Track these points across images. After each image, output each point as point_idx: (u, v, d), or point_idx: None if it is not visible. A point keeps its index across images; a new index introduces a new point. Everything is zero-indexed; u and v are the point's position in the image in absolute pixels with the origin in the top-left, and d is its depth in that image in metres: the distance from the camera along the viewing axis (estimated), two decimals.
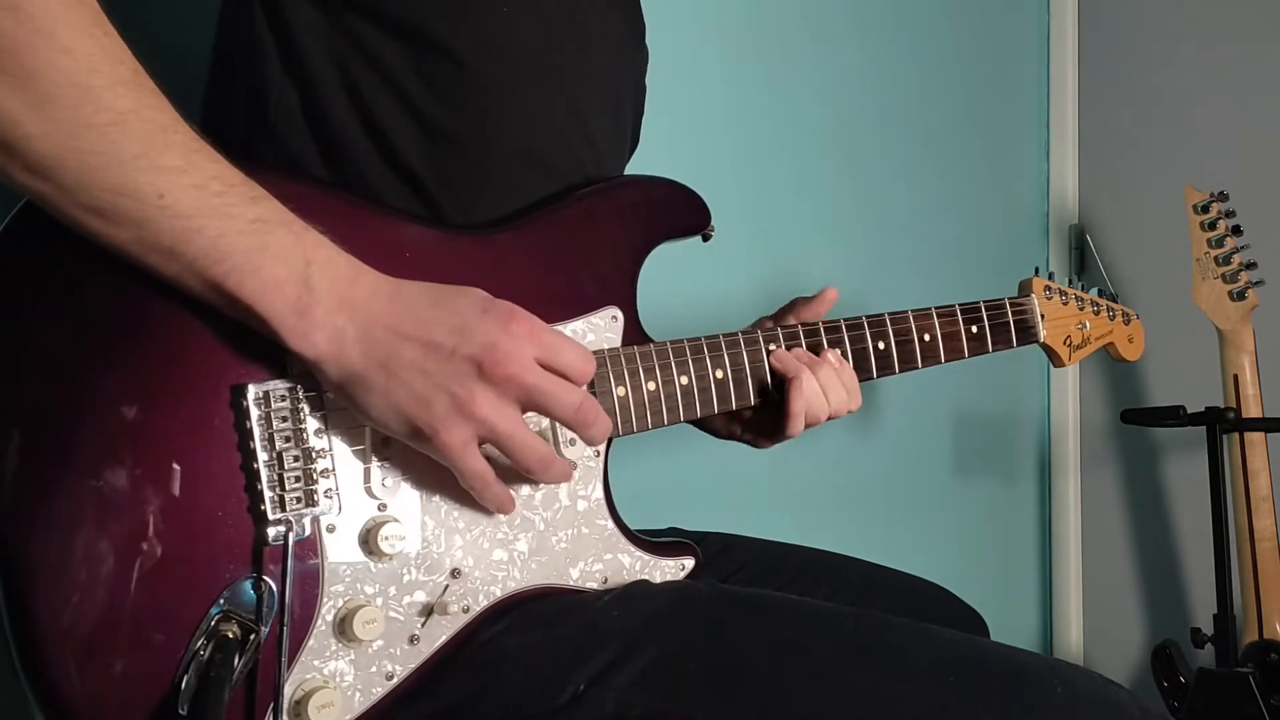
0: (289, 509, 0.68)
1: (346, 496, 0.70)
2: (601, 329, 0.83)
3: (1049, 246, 2.38)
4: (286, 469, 0.68)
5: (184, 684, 0.63)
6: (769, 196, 1.80)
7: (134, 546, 0.63)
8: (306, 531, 0.69)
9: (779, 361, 0.91)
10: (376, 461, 0.72)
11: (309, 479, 0.69)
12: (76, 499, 0.62)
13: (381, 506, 0.72)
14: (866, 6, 1.97)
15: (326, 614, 0.69)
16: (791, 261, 1.80)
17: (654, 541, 0.85)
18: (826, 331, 0.95)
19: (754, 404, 0.90)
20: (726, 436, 1.03)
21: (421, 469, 0.72)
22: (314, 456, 0.69)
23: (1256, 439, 1.77)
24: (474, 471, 0.70)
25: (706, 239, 0.92)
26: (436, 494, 0.74)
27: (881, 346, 0.98)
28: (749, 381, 0.90)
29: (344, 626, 0.69)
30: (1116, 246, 2.28)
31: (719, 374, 0.88)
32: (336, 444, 0.70)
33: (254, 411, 0.67)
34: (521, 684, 0.72)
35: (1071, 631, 2.34)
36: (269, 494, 0.67)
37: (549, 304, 0.80)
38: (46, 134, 0.58)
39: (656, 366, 0.84)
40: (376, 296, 0.67)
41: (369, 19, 0.78)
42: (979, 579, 2.06)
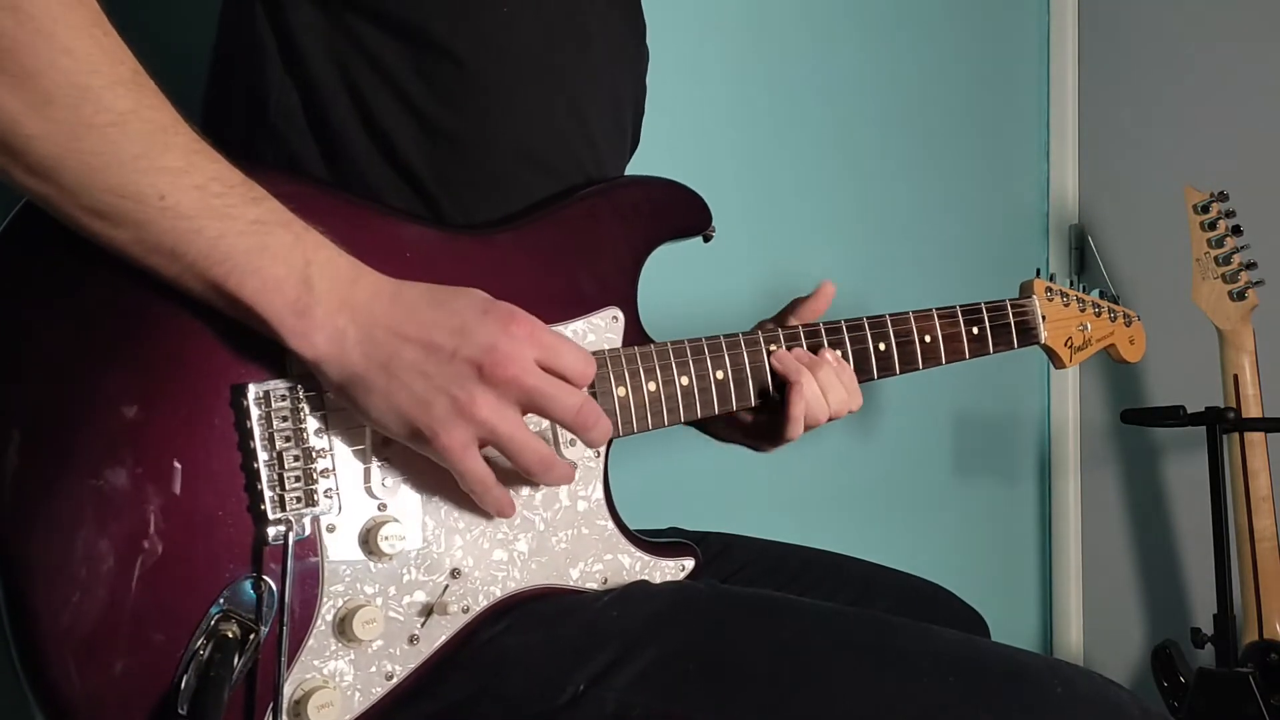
0: (289, 509, 0.68)
1: (346, 496, 0.70)
2: (602, 329, 0.83)
3: (1049, 246, 2.38)
4: (287, 469, 0.68)
5: (184, 683, 0.63)
6: (769, 196, 1.80)
7: (134, 546, 0.63)
8: (306, 531, 0.69)
9: (779, 363, 0.91)
10: (376, 461, 0.72)
11: (309, 479, 0.69)
12: (76, 498, 0.62)
13: (381, 506, 0.72)
14: (866, 6, 1.97)
15: (326, 614, 0.69)
16: (791, 261, 1.80)
17: (654, 542, 0.85)
18: (827, 332, 0.95)
19: (754, 404, 0.90)
20: (727, 440, 1.03)
21: (422, 469, 0.72)
22: (314, 456, 0.69)
23: (1256, 439, 1.77)
24: (474, 474, 0.70)
25: (707, 240, 0.92)
26: (436, 494, 0.73)
27: (882, 348, 0.98)
28: (749, 382, 0.90)
29: (344, 626, 0.69)
30: (1116, 246, 2.28)
31: (719, 374, 0.88)
32: (337, 444, 0.70)
33: (254, 411, 0.67)
34: (521, 684, 0.72)
35: (1071, 631, 2.34)
36: (269, 493, 0.67)
37: (549, 304, 0.80)
38: (47, 134, 0.58)
39: (657, 367, 0.84)
40: (377, 297, 0.67)
41: (369, 19, 0.78)
42: (979, 579, 2.06)
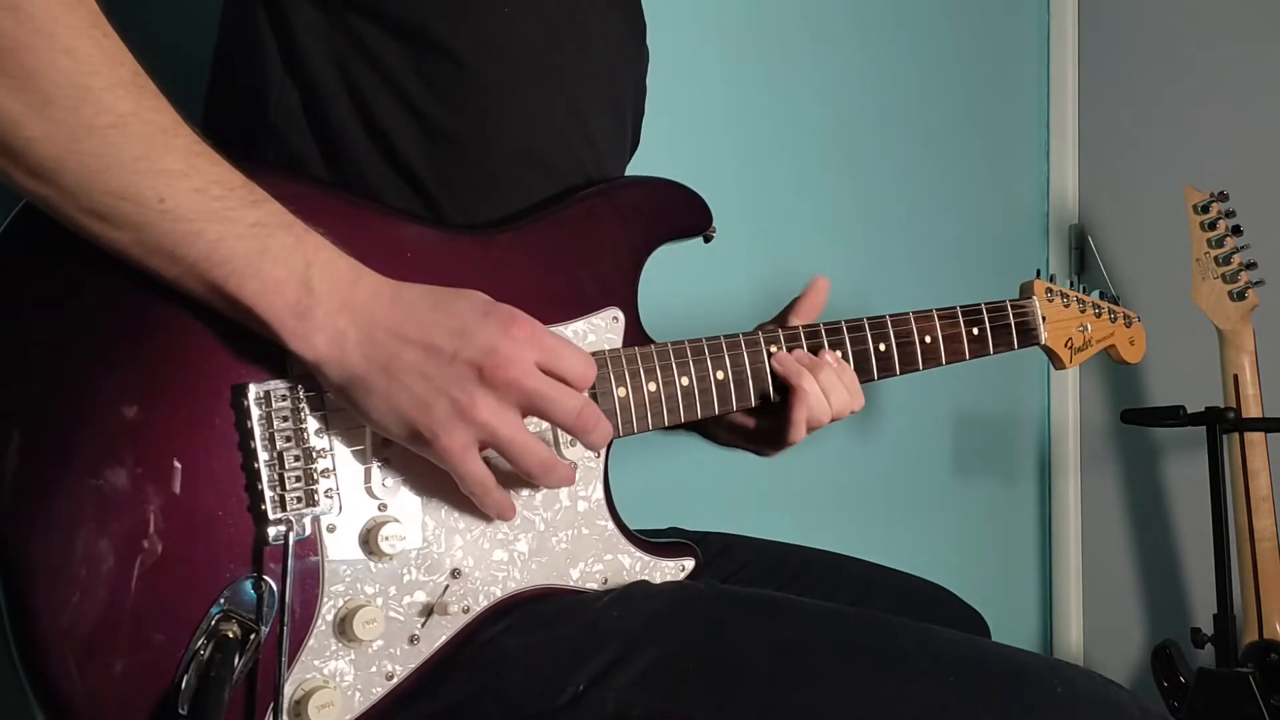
0: (289, 509, 0.68)
1: (347, 496, 0.70)
2: (602, 330, 0.83)
3: (1049, 247, 2.38)
4: (287, 469, 0.68)
5: (184, 683, 0.63)
6: (769, 196, 1.80)
7: (134, 546, 0.63)
8: (307, 531, 0.69)
9: (780, 365, 0.91)
10: (377, 461, 0.72)
11: (309, 479, 0.69)
12: (77, 498, 0.62)
13: (382, 506, 0.72)
14: (866, 6, 1.97)
15: (327, 614, 0.69)
16: (791, 261, 1.80)
17: (654, 542, 0.85)
18: (827, 333, 0.95)
19: (754, 405, 0.90)
20: (729, 446, 1.02)
21: (422, 469, 0.72)
22: (314, 456, 0.69)
23: (1256, 439, 1.77)
24: (474, 476, 0.70)
25: (708, 240, 0.92)
26: (437, 494, 0.73)
27: (883, 348, 0.98)
28: (749, 382, 0.90)
29: (344, 626, 0.69)
30: (1116, 246, 2.28)
31: (719, 375, 0.88)
32: (337, 444, 0.70)
33: (255, 411, 0.67)
34: (522, 684, 0.72)
35: (1071, 631, 2.34)
36: (269, 493, 0.67)
37: (550, 304, 0.80)
38: (48, 136, 0.58)
39: (657, 367, 0.84)
40: (378, 299, 0.67)
41: (370, 19, 0.78)
42: (979, 579, 2.06)
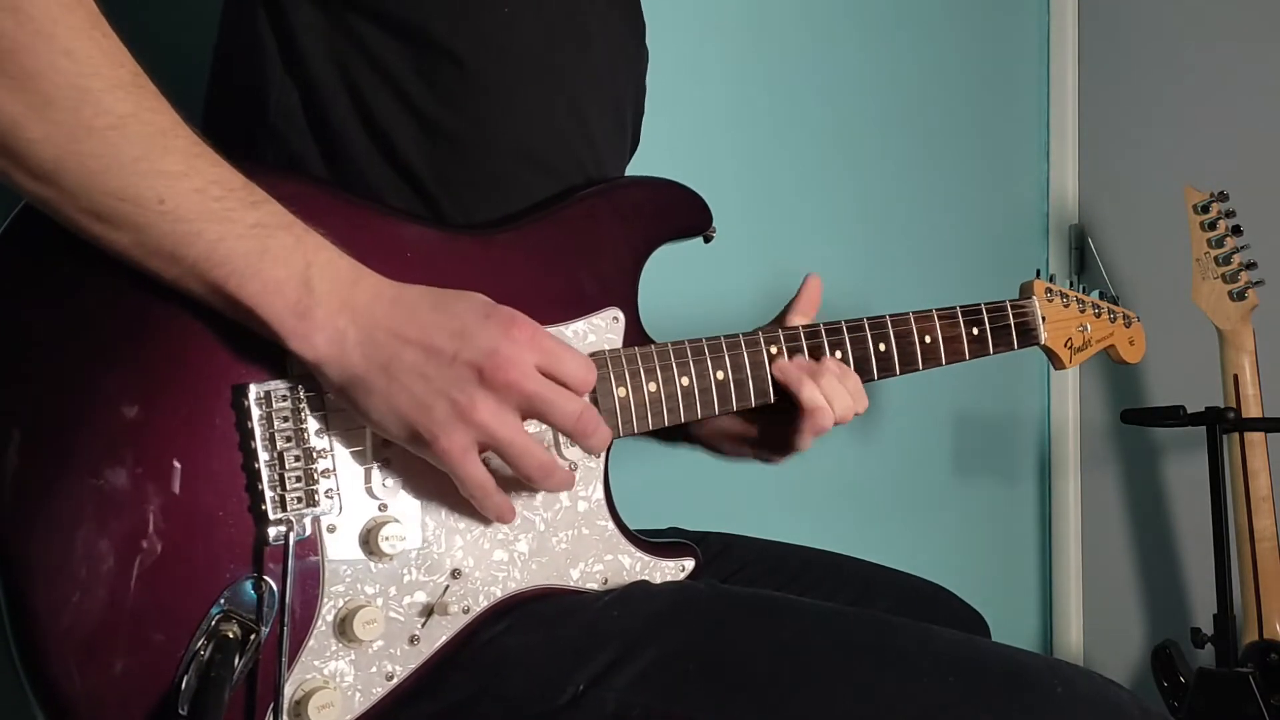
0: (290, 509, 0.68)
1: (347, 496, 0.70)
2: (603, 330, 0.83)
3: (1049, 246, 2.38)
4: (287, 469, 0.68)
5: (184, 684, 0.63)
6: (769, 196, 1.80)
7: (134, 546, 0.63)
8: (307, 531, 0.69)
9: (780, 373, 0.90)
10: (377, 462, 0.72)
11: (310, 479, 0.69)
12: (77, 498, 0.62)
13: (382, 507, 0.72)
14: (866, 6, 1.97)
15: (327, 614, 0.69)
16: (791, 261, 1.80)
17: (654, 542, 0.85)
18: (827, 333, 0.94)
19: (754, 405, 0.90)
20: (736, 456, 1.01)
21: (422, 470, 0.72)
22: (315, 456, 0.69)
23: (1256, 439, 1.77)
24: (473, 478, 0.70)
25: (708, 240, 0.92)
26: (437, 494, 0.73)
27: (883, 348, 0.97)
28: (749, 383, 0.89)
29: (344, 627, 0.69)
30: (1116, 246, 2.28)
31: (719, 375, 0.87)
32: (337, 444, 0.70)
33: (255, 411, 0.67)
34: (522, 684, 0.72)
35: (1071, 631, 2.34)
36: (270, 494, 0.67)
37: (550, 304, 0.80)
38: (47, 137, 0.58)
39: (657, 367, 0.84)
40: (378, 300, 0.67)
41: (370, 19, 0.78)
42: (979, 579, 2.06)
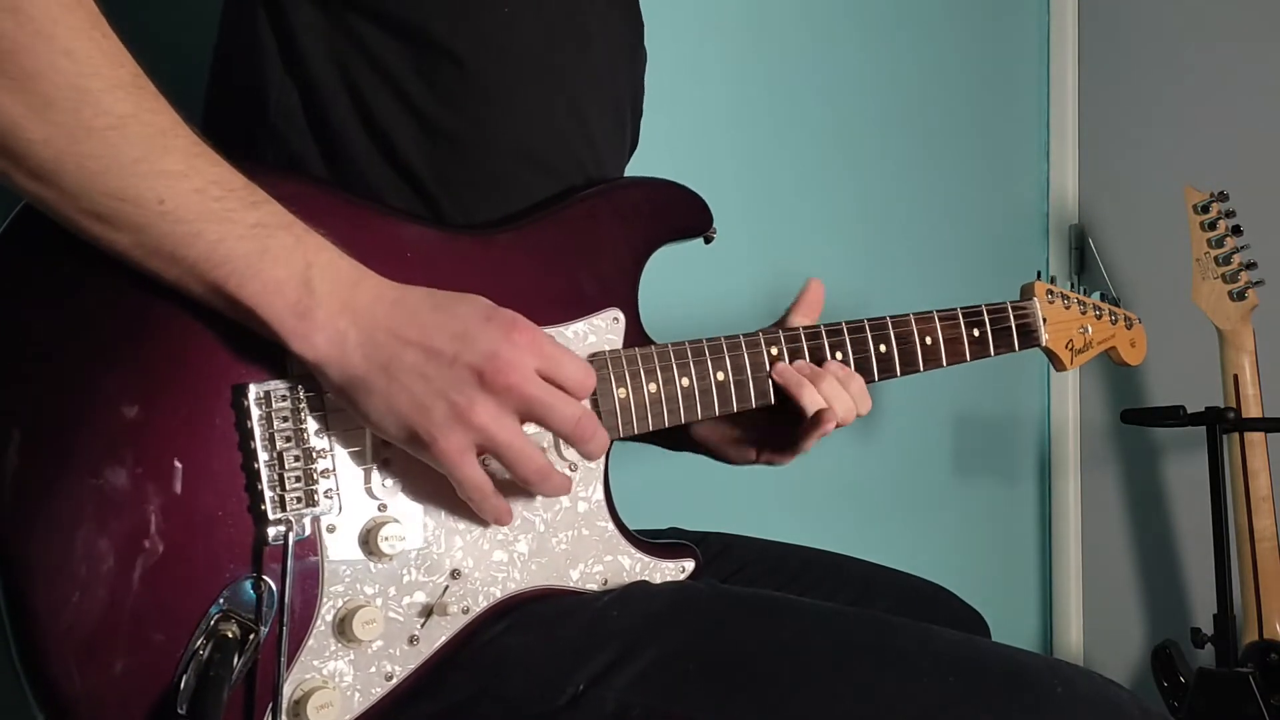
0: (289, 509, 0.68)
1: (347, 496, 0.70)
2: (603, 330, 0.83)
3: (1049, 247, 2.38)
4: (287, 469, 0.68)
5: (183, 683, 0.63)
6: (769, 196, 1.80)
7: (134, 545, 0.63)
8: (306, 531, 0.69)
9: (780, 377, 0.90)
10: (377, 462, 0.72)
11: (309, 479, 0.69)
12: (77, 498, 0.62)
13: (382, 507, 0.72)
14: (866, 6, 1.97)
15: (326, 614, 0.69)
16: (791, 262, 1.80)
17: (654, 543, 0.85)
18: (828, 334, 0.94)
19: (754, 406, 0.90)
20: (740, 461, 1.01)
21: (422, 470, 0.72)
22: (314, 456, 0.69)
23: (1256, 439, 1.77)
24: (471, 481, 0.69)
25: (709, 241, 0.92)
26: (437, 495, 0.73)
27: (883, 350, 0.97)
28: (750, 384, 0.89)
29: (343, 626, 0.69)
30: (1116, 246, 2.28)
31: (719, 376, 0.87)
32: (337, 444, 0.70)
33: (255, 411, 0.67)
34: (521, 684, 0.72)
35: (1071, 631, 2.34)
36: (269, 494, 0.67)
37: (550, 305, 0.80)
38: (48, 138, 0.58)
39: (658, 368, 0.84)
40: (379, 301, 0.67)
41: (370, 19, 0.78)
42: (979, 579, 2.06)
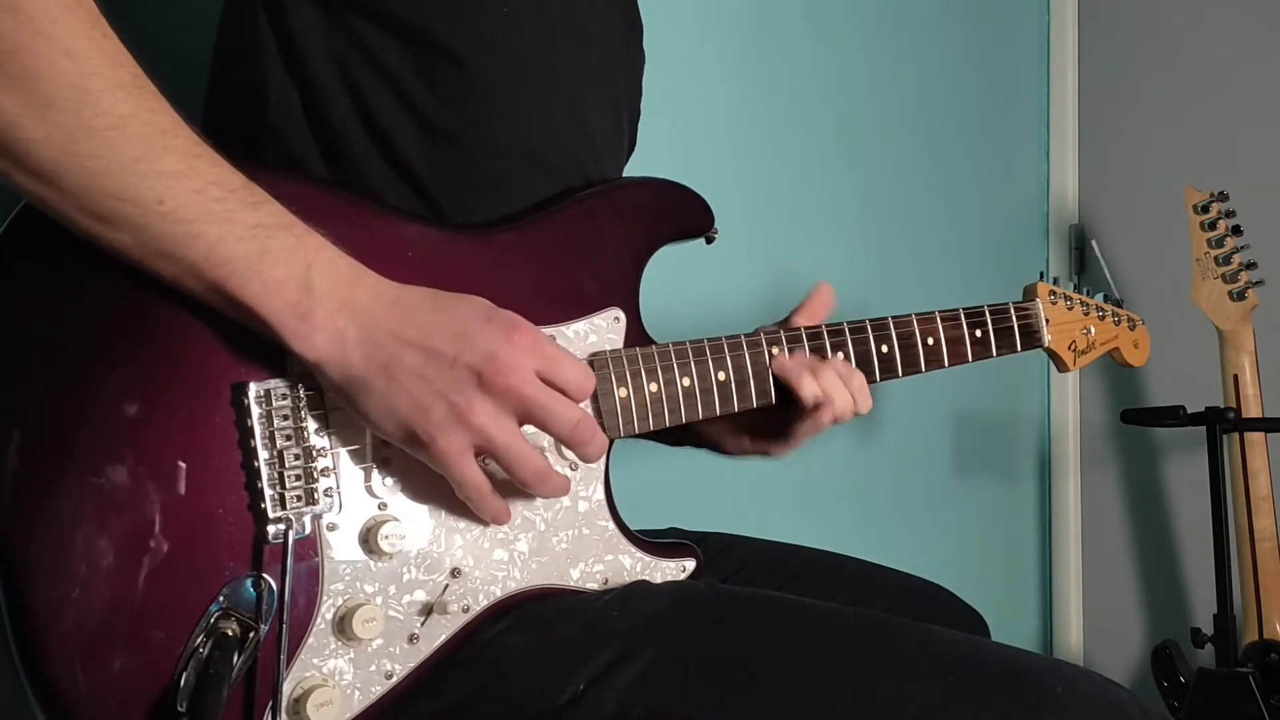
0: (289, 507, 0.68)
1: (347, 495, 0.70)
2: (604, 330, 0.83)
3: (1049, 247, 2.38)
4: (287, 467, 0.68)
5: (183, 681, 0.63)
6: (769, 196, 1.80)
7: (134, 544, 0.63)
8: (307, 530, 0.69)
9: (779, 369, 0.90)
10: (377, 461, 0.72)
11: (309, 477, 0.69)
12: (77, 497, 0.62)
13: (382, 505, 0.72)
14: (866, 6, 1.97)
15: (326, 612, 0.69)
16: (792, 261, 1.80)
17: (655, 542, 0.85)
18: (829, 334, 0.94)
19: (755, 406, 0.90)
20: (737, 452, 1.01)
21: (422, 469, 0.72)
22: (314, 455, 0.69)
23: (1256, 439, 1.77)
24: (470, 481, 0.69)
25: (710, 241, 0.92)
26: (437, 494, 0.73)
27: (885, 350, 0.97)
28: (751, 383, 0.89)
29: (343, 625, 0.69)
30: (1116, 247, 2.28)
31: (721, 375, 0.87)
32: (337, 443, 0.70)
33: (255, 410, 0.67)
34: (521, 684, 0.72)
35: (1071, 631, 2.34)
36: (269, 492, 0.67)
37: (550, 304, 0.80)
38: (48, 138, 0.58)
39: (659, 368, 0.84)
40: (379, 300, 0.67)
41: (369, 19, 0.78)
42: (979, 579, 2.06)
